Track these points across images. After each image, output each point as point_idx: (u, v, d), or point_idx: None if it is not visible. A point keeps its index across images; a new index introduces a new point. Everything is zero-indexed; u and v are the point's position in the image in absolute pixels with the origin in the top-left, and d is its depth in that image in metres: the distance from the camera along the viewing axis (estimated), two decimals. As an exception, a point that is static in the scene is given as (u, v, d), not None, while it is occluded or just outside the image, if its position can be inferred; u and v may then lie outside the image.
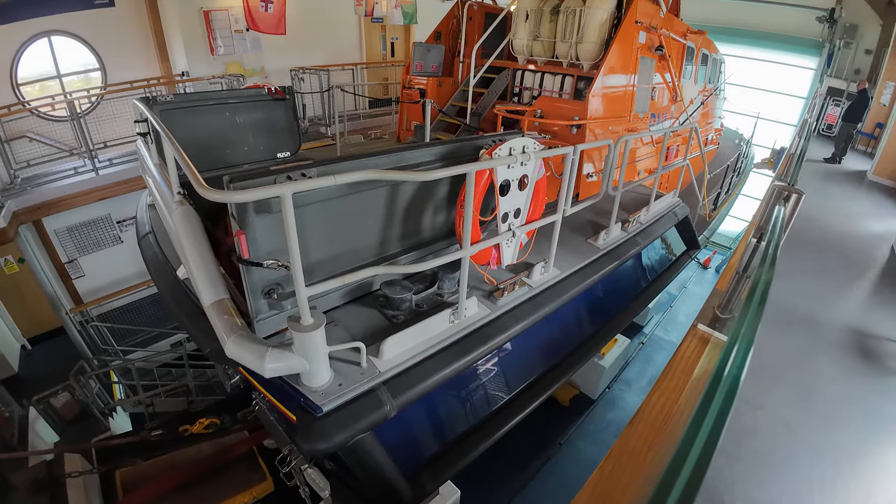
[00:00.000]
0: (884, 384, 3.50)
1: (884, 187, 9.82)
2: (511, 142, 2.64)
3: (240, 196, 1.91)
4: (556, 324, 3.89)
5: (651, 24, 5.68)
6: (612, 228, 4.21)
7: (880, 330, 4.19)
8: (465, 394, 3.35)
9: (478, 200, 2.70)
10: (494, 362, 3.50)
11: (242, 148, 5.04)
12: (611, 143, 3.63)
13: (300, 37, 9.45)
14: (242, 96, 5.01)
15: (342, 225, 2.68)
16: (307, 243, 2.54)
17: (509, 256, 3.09)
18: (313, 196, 2.41)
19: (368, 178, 2.10)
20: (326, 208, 2.55)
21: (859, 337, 4.01)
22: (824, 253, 5.83)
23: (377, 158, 2.63)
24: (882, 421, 3.16)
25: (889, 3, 12.78)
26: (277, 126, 5.29)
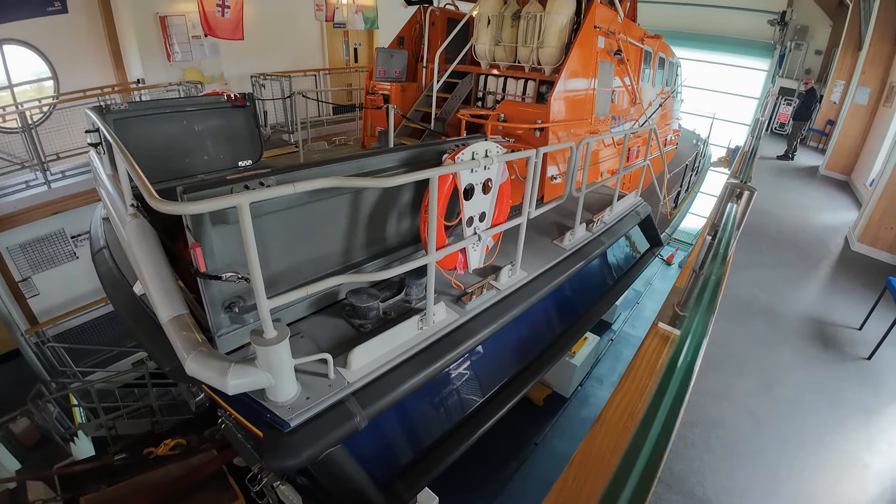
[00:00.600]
0: (844, 370, 3.65)
1: (835, 181, 10.33)
2: (474, 146, 2.64)
3: (194, 207, 1.84)
4: (526, 324, 3.91)
5: (609, 29, 5.81)
6: (576, 229, 4.27)
7: (838, 317, 4.38)
8: (438, 399, 3.32)
9: (441, 205, 2.68)
10: (467, 366, 3.49)
11: (202, 157, 4.89)
12: (573, 146, 3.68)
13: (260, 42, 9.28)
14: (200, 104, 4.86)
15: (304, 234, 2.63)
16: (268, 254, 2.48)
17: (476, 260, 3.09)
18: (273, 205, 2.36)
19: (328, 186, 2.06)
20: (288, 217, 2.49)
21: (818, 325, 4.19)
22: (781, 246, 6.08)
23: (338, 165, 2.60)
24: (845, 407, 3.29)
25: (839, 4, 13.42)
26: (238, 134, 5.15)
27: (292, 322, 2.90)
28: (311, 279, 2.73)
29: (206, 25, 6.88)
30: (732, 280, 4.74)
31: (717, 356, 3.58)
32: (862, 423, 3.14)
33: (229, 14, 6.83)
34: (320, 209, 2.61)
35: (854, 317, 4.41)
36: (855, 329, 4.21)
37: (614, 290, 5.61)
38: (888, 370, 3.74)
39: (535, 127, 4.99)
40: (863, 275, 5.50)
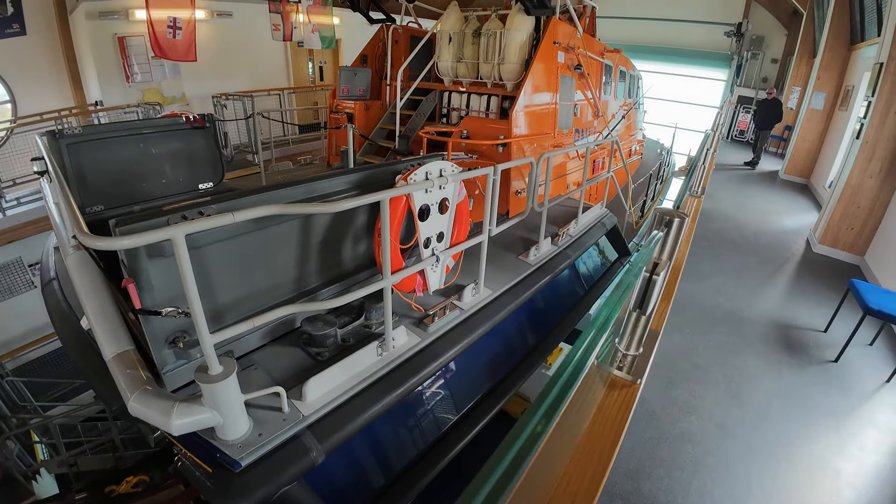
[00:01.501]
0: (811, 374, 3.69)
1: (795, 184, 10.66)
2: (427, 166, 2.60)
3: (125, 242, 1.74)
4: (499, 338, 3.88)
5: (569, 44, 5.90)
6: (541, 244, 4.26)
7: (803, 320, 4.44)
8: (410, 420, 3.24)
9: (395, 228, 2.64)
10: (440, 384, 3.42)
11: (160, 181, 4.75)
12: (532, 161, 3.68)
13: (223, 62, 9.17)
14: (158, 126, 4.72)
15: (253, 262, 2.55)
16: (213, 285, 2.39)
17: (436, 281, 3.04)
18: (217, 234, 2.27)
19: (271, 214, 1.99)
20: (233, 246, 2.41)
21: (784, 329, 4.24)
22: (744, 251, 6.19)
23: (286, 190, 2.53)
24: (813, 412, 3.31)
25: (793, 13, 13.95)
26: (198, 156, 5.03)
27: (246, 353, 2.80)
28: (261, 309, 2.64)
29: (157, 47, 6.70)
30: (696, 288, 4.80)
31: (684, 367, 3.59)
32: (832, 427, 3.16)
33: (181, 35, 6.69)
34: (269, 236, 2.53)
35: (819, 319, 4.49)
36: (820, 332, 4.28)
37: (586, 300, 5.62)
38: (855, 372, 3.80)
39: (497, 143, 5.00)
40: (825, 276, 5.64)
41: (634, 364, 2.41)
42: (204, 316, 1.94)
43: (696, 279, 5.11)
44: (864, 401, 3.39)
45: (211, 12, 9.07)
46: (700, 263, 5.57)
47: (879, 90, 6.05)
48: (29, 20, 8.58)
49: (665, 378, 3.45)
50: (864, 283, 3.95)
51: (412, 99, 6.91)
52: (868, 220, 6.13)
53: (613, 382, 2.34)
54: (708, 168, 4.25)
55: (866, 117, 6.23)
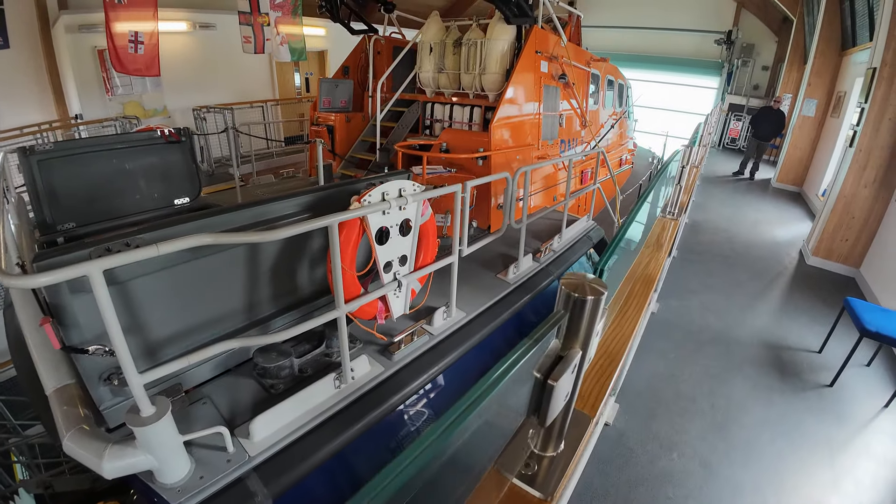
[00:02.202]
0: (804, 401, 3.46)
1: (787, 193, 10.49)
2: (384, 185, 2.43)
3: (41, 279, 1.56)
4: (475, 361, 3.70)
5: (552, 53, 5.76)
6: (521, 262, 4.08)
7: (795, 340, 4.23)
8: (392, 441, 3.05)
9: (349, 253, 2.46)
10: (410, 414, 3.23)
11: (134, 197, 4.61)
12: (508, 176, 3.51)
13: (205, 74, 9.04)
14: (132, 141, 4.60)
15: (195, 292, 2.36)
16: (147, 319, 2.21)
17: (400, 307, 2.85)
18: (149, 265, 2.09)
19: (200, 245, 1.81)
20: (171, 276, 2.23)
21: (775, 351, 4.03)
22: (734, 265, 5.99)
23: (232, 215, 2.36)
24: (806, 442, 3.08)
25: (783, 20, 13.91)
26: (174, 171, 4.89)
27: (197, 385, 2.62)
28: (207, 341, 2.47)
29: (118, 62, 6.52)
30: (683, 306, 4.60)
31: (667, 395, 3.39)
32: (826, 460, 2.94)
33: (143, 50, 6.53)
34: (211, 264, 2.35)
35: (813, 339, 4.29)
36: (814, 352, 4.06)
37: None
38: (851, 397, 3.58)
39: (476, 156, 4.84)
40: (820, 290, 5.45)
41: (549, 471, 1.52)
42: (130, 355, 1.76)
43: (684, 296, 4.90)
44: (861, 429, 3.19)
45: (193, 24, 8.96)
46: (688, 279, 5.36)
47: (873, 96, 5.89)
48: (12, 33, 8.44)
49: (646, 409, 3.25)
50: (861, 301, 3.76)
51: (395, 110, 6.78)
52: (863, 231, 5.95)
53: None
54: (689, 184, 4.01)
55: (859, 124, 6.06)
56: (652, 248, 3.51)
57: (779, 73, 13.89)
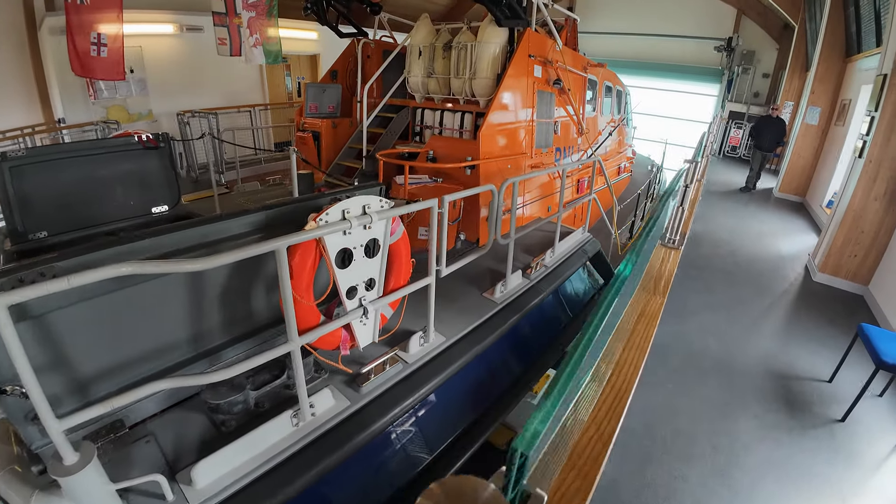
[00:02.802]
0: (813, 438, 3.14)
1: (790, 203, 10.22)
2: (345, 202, 2.15)
3: None
4: (470, 378, 3.44)
5: (546, 57, 5.50)
6: (509, 279, 3.80)
7: (804, 367, 3.91)
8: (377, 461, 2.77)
9: (305, 278, 2.18)
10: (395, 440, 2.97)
11: (110, 204, 4.47)
12: (493, 188, 3.23)
13: (192, 78, 8.78)
14: (108, 147, 4.45)
15: (130, 322, 2.09)
16: (74, 354, 1.94)
17: (368, 335, 2.57)
18: (72, 295, 1.82)
19: (119, 275, 1.53)
20: (101, 305, 1.96)
21: (781, 380, 3.71)
22: (737, 282, 5.69)
23: (169, 237, 2.08)
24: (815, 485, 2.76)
25: (784, 27, 13.69)
26: (152, 178, 4.73)
27: (142, 420, 2.34)
28: (144, 377, 2.20)
29: (78, 65, 6.22)
30: (683, 329, 4.30)
31: (664, 434, 3.09)
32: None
33: (106, 53, 6.25)
34: (148, 292, 2.08)
35: (822, 366, 3.97)
36: (824, 382, 3.73)
37: (572, 328, 5.15)
38: (864, 432, 3.26)
39: (463, 164, 4.57)
40: (828, 309, 5.13)
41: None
42: (45, 398, 1.50)
43: (683, 317, 4.60)
44: (874, 470, 2.90)
45: (180, 27, 8.71)
46: (688, 297, 5.06)
47: (883, 104, 5.60)
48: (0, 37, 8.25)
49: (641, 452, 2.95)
50: (876, 328, 3.45)
51: (385, 116, 6.52)
52: (872, 246, 5.64)
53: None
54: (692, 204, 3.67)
55: (869, 134, 5.78)
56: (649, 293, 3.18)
57: (780, 81, 13.67)
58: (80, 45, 6.11)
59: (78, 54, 6.20)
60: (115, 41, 6.35)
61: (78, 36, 6.13)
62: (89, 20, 6.15)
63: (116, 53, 6.43)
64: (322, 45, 11.18)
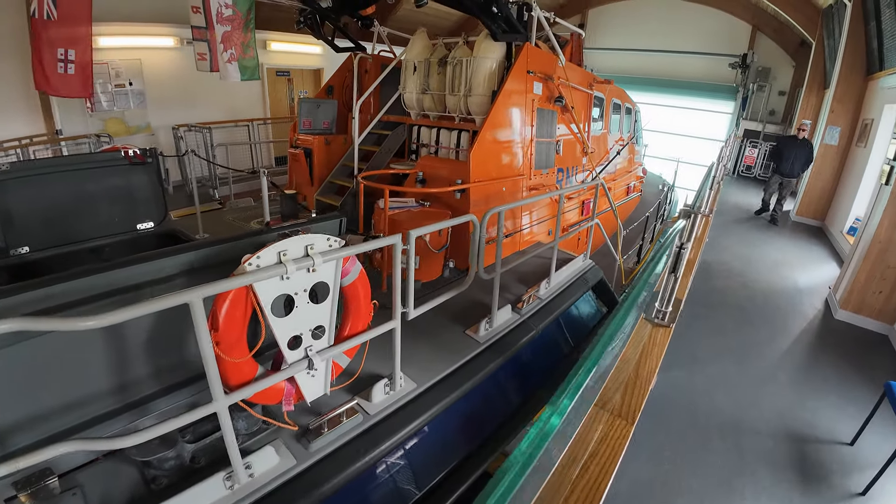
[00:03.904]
0: None
1: (808, 227, 9.71)
2: (281, 244, 1.87)
3: None
4: (445, 430, 3.12)
5: (547, 73, 5.21)
6: (494, 316, 3.47)
7: (822, 426, 3.44)
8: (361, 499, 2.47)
9: (236, 328, 1.89)
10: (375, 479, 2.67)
11: (95, 220, 4.35)
12: (474, 219, 2.92)
13: (192, 91, 8.64)
14: (93, 161, 4.29)
15: (43, 372, 1.84)
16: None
17: (317, 388, 2.27)
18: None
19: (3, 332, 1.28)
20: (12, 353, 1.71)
21: (797, 443, 3.25)
22: (750, 321, 5.20)
23: (86, 280, 1.82)
24: None
25: (800, 44, 13.30)
26: (138, 193, 4.64)
27: (73, 469, 2.07)
28: (58, 432, 1.94)
29: (44, 82, 6.03)
30: (688, 381, 3.85)
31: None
32: None
33: (74, 69, 6.07)
34: (56, 342, 1.81)
35: (844, 424, 3.49)
36: (845, 445, 3.27)
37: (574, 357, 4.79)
38: (887, 510, 2.84)
39: (451, 189, 4.27)
40: (851, 353, 4.62)
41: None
42: None
43: (690, 366, 4.16)
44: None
45: (180, 40, 8.62)
46: (695, 341, 4.62)
47: (914, 125, 5.19)
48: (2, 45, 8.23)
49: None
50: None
51: (382, 133, 6.28)
52: (901, 282, 5.19)
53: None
54: (683, 278, 3.04)
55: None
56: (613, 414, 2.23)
57: (797, 99, 13.23)
58: (47, 61, 5.95)
59: (44, 70, 6.04)
60: (83, 57, 6.19)
61: (45, 51, 5.97)
62: (57, 35, 5.99)
63: (84, 70, 6.27)
64: (326, 59, 11.04)
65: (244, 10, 7.05)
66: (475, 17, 4.44)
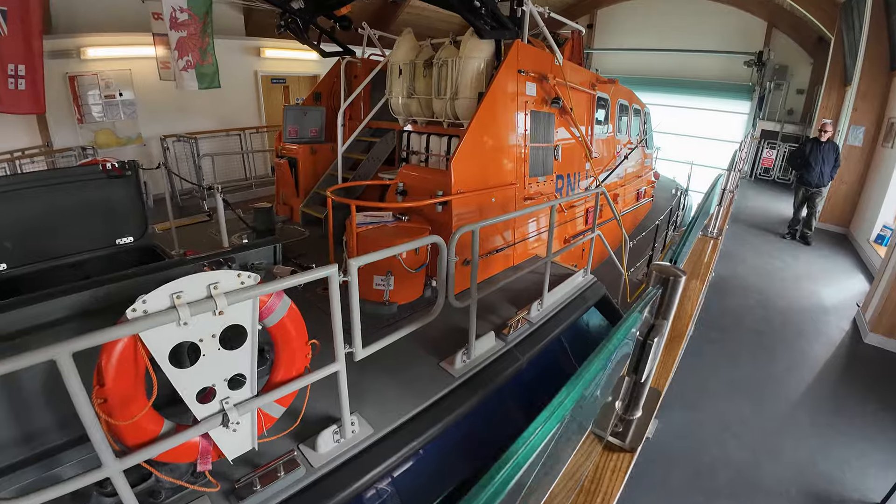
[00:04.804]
0: None
1: (831, 234, 9.07)
2: (174, 285, 1.52)
3: None
4: (408, 483, 2.74)
5: (541, 72, 4.82)
6: (472, 346, 3.09)
7: (847, 479, 2.86)
8: None
9: (123, 385, 1.55)
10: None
11: (73, 235, 4.16)
12: (438, 241, 2.53)
13: (184, 100, 8.42)
14: (69, 176, 4.13)
15: None
16: None
17: (239, 444, 1.92)
18: None
19: None
20: None
21: (818, 503, 2.78)
22: (768, 347, 4.58)
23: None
24: None
25: (818, 40, 12.71)
26: (117, 208, 4.48)
27: None
28: None
29: None
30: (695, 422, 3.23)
31: None
32: None
33: (25, 85, 5.81)
34: None
35: (873, 476, 2.91)
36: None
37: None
38: None
39: (433, 202, 3.90)
40: (882, 386, 4.01)
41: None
42: None
43: (696, 404, 3.70)
44: None
45: (171, 48, 8.43)
46: (705, 373, 4.07)
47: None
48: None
49: None
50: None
51: (370, 141, 5.96)
52: (939, 304, 4.61)
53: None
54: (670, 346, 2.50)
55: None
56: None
57: (816, 97, 12.60)
58: (-3, 77, 5.73)
59: (-7, 86, 5.84)
60: (34, 72, 5.97)
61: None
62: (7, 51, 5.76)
63: (36, 86, 6.05)
64: (323, 65, 10.70)
65: (201, 14, 6.74)
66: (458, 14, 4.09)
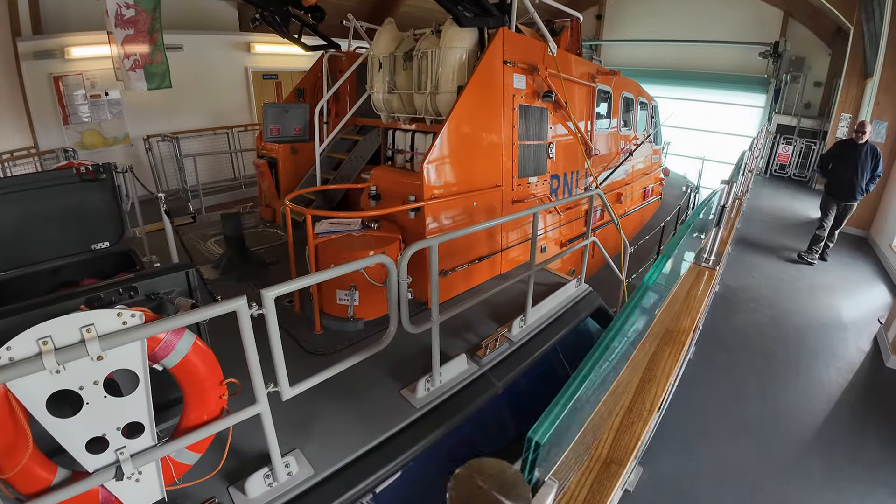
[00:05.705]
0: None
1: (851, 238, 8.37)
2: (39, 329, 1.24)
3: None
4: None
5: (531, 63, 4.46)
6: (436, 373, 2.76)
7: None
8: None
9: (9, 432, 1.29)
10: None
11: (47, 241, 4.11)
12: (385, 261, 2.19)
13: (173, 99, 8.17)
14: (41, 181, 4.09)
15: None
16: None
17: (145, 494, 1.64)
18: None
19: None
20: None
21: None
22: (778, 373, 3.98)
23: None
24: None
25: (837, 30, 12.15)
26: (92, 212, 4.25)
27: None
28: None
29: None
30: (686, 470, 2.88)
31: None
32: None
33: None
34: None
35: None
36: None
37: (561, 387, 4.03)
38: None
39: (407, 207, 3.58)
40: None
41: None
42: None
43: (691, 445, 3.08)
44: None
45: (158, 46, 8.21)
46: (705, 402, 3.57)
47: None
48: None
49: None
50: None
51: (355, 139, 5.66)
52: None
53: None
54: None
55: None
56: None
57: (835, 90, 12.02)
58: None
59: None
60: None
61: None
62: None
63: None
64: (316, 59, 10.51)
65: (148, 10, 6.40)
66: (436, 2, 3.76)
